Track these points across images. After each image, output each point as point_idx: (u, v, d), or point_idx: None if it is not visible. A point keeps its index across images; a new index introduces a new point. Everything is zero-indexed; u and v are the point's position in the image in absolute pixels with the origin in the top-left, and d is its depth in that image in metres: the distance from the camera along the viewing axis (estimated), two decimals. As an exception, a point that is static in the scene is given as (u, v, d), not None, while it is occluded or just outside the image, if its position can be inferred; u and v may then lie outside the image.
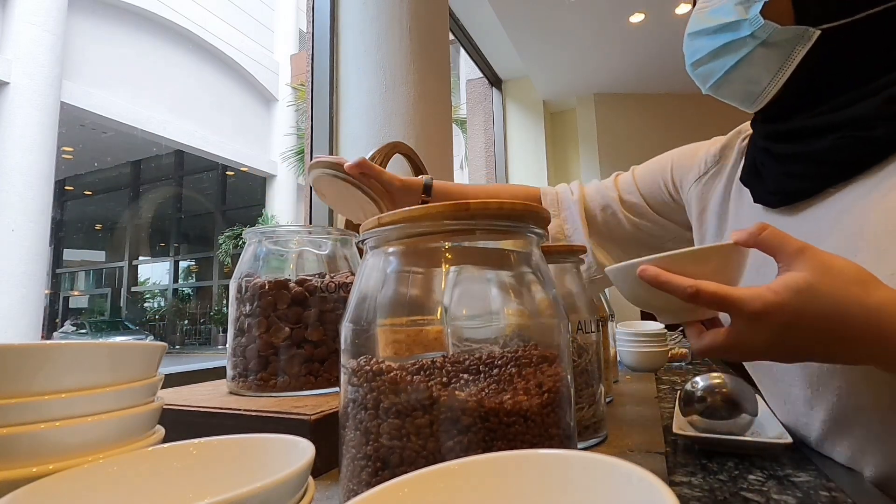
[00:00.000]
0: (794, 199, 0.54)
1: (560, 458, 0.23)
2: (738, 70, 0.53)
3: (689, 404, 0.52)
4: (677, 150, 0.77)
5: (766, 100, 0.54)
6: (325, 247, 0.65)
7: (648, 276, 0.41)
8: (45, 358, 0.28)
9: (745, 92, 0.55)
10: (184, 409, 0.49)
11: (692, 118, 3.76)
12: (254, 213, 12.54)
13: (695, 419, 0.51)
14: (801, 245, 0.38)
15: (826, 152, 0.50)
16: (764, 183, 0.57)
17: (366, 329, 0.34)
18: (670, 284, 0.40)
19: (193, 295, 14.18)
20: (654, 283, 0.40)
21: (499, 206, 0.32)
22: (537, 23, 2.84)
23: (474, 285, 0.35)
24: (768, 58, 0.51)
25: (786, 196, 0.54)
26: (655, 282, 0.40)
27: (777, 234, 0.39)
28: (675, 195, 0.75)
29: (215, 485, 0.29)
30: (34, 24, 7.31)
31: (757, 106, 0.56)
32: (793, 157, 0.53)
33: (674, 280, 0.39)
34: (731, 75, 0.54)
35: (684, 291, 0.39)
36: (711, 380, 0.52)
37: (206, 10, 10.76)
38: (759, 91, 0.53)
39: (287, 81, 12.05)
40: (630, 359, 1.05)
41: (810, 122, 0.52)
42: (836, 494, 0.39)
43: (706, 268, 0.41)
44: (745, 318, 0.37)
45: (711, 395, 0.51)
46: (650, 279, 0.41)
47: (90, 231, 14.80)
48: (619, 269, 0.45)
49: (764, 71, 0.52)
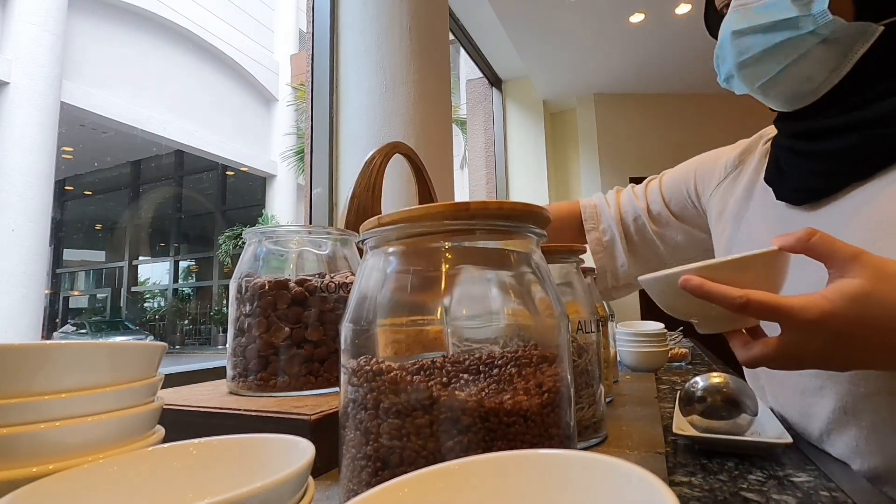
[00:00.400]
0: (817, 197, 0.54)
1: (560, 458, 0.23)
2: (794, 68, 0.50)
3: (689, 404, 0.52)
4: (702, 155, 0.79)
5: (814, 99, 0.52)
6: (325, 247, 0.65)
7: (693, 286, 0.39)
8: (45, 358, 0.28)
9: (795, 91, 0.53)
10: (184, 409, 0.49)
11: (692, 118, 3.76)
12: (254, 213, 12.54)
13: (695, 419, 0.51)
14: (855, 251, 0.37)
15: (849, 150, 0.50)
16: (787, 181, 0.57)
17: (366, 329, 0.34)
18: (717, 294, 0.38)
19: (193, 295, 14.18)
20: (698, 293, 0.39)
21: (499, 206, 0.32)
22: (537, 23, 2.84)
23: (474, 285, 0.35)
24: (828, 55, 0.49)
25: (809, 193, 0.55)
26: (700, 292, 0.39)
27: (827, 239, 0.38)
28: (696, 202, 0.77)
29: (215, 485, 0.29)
30: (34, 24, 7.30)
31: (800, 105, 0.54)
32: (816, 154, 0.54)
33: (721, 290, 0.38)
34: (784, 74, 0.51)
35: (733, 302, 0.37)
36: (711, 380, 0.52)
37: (206, 10, 10.75)
38: (811, 89, 0.51)
39: (287, 81, 12.05)
40: (630, 359, 1.05)
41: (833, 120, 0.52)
42: (836, 494, 0.39)
43: (749, 275, 0.39)
44: (799, 328, 0.36)
45: (711, 395, 0.51)
46: (694, 289, 0.39)
47: (90, 231, 14.80)
48: (656, 278, 0.43)
49: (821, 68, 0.50)
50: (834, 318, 0.35)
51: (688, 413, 0.52)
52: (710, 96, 3.78)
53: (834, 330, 0.35)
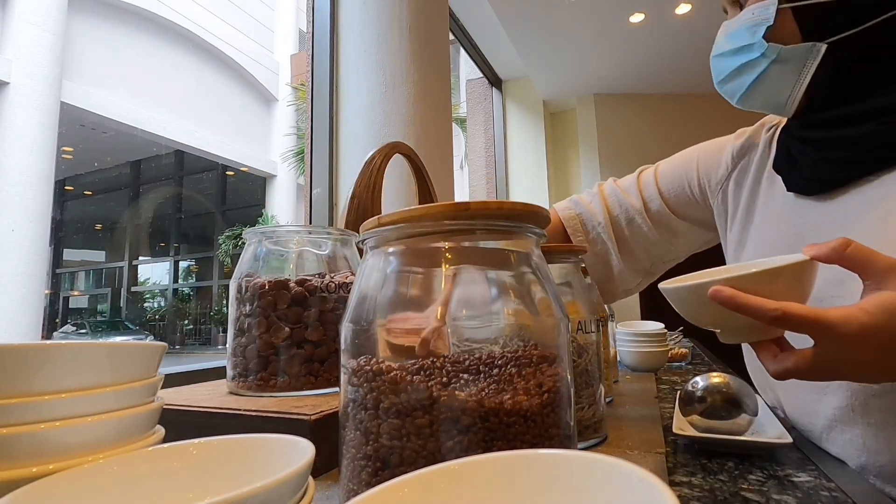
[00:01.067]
0: (830, 187, 0.54)
1: (560, 458, 0.23)
2: (759, 86, 0.57)
3: (689, 404, 0.52)
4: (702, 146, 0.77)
5: (793, 107, 0.56)
6: (325, 247, 0.65)
7: (724, 297, 0.38)
8: (45, 358, 0.28)
9: (772, 103, 0.58)
10: (184, 409, 0.49)
11: (692, 118, 3.76)
12: (254, 213, 12.53)
13: (695, 419, 0.51)
14: (892, 262, 0.36)
15: (868, 138, 0.50)
16: (799, 170, 0.57)
17: (366, 329, 0.34)
18: (752, 307, 0.37)
19: (193, 295, 14.18)
20: (730, 305, 0.38)
21: (499, 206, 0.32)
22: (537, 23, 2.84)
23: (474, 285, 0.35)
24: (783, 73, 0.54)
25: (822, 183, 0.55)
26: (732, 304, 0.38)
27: (863, 250, 0.37)
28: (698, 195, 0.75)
29: (215, 485, 0.29)
30: (34, 24, 7.30)
31: (788, 113, 0.58)
32: (831, 142, 0.54)
33: (756, 302, 0.37)
34: (753, 91, 0.58)
35: (769, 314, 0.36)
36: (711, 380, 0.52)
37: (206, 10, 10.75)
38: (783, 101, 0.56)
39: (287, 81, 12.05)
40: (630, 359, 1.05)
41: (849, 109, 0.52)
42: (836, 494, 0.39)
43: (779, 285, 0.39)
44: (838, 341, 0.36)
45: (711, 395, 0.51)
46: (725, 301, 0.38)
47: (90, 231, 14.79)
48: (680, 288, 0.42)
49: (782, 85, 0.55)
50: (875, 331, 0.35)
51: (688, 413, 0.52)
52: (710, 96, 3.76)
53: (874, 344, 0.35)
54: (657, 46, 3.08)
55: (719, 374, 0.53)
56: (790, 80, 0.54)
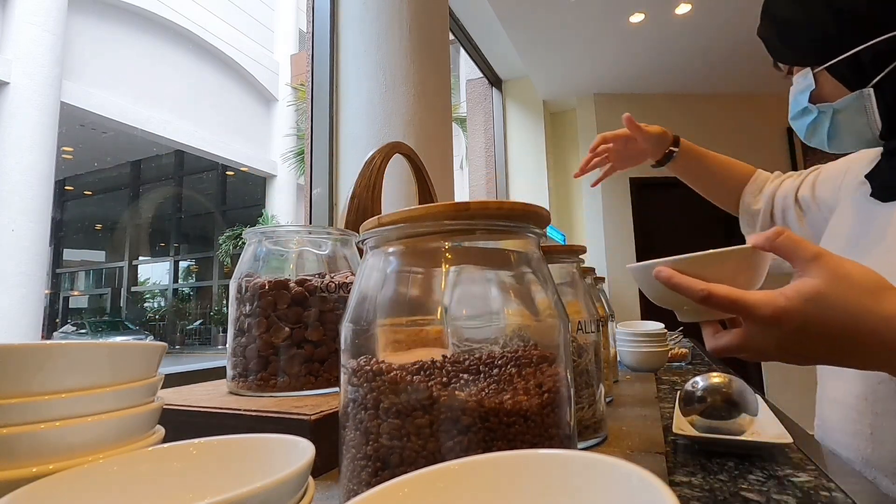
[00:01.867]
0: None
1: (560, 458, 0.23)
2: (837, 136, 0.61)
3: (690, 404, 0.52)
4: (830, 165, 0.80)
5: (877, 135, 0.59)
6: (325, 247, 0.65)
7: (662, 277, 0.42)
8: (45, 358, 0.28)
9: (860, 141, 0.61)
10: (184, 409, 0.49)
11: (692, 118, 3.76)
12: (254, 213, 12.54)
13: (695, 419, 0.51)
14: (816, 251, 0.38)
15: None
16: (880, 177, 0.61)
17: (366, 329, 0.34)
18: (682, 287, 0.41)
19: (193, 295, 14.18)
20: (667, 284, 0.42)
21: (499, 205, 0.32)
22: (537, 23, 2.84)
23: (474, 285, 0.35)
24: (850, 119, 0.58)
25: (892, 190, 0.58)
26: (669, 283, 0.42)
27: (793, 238, 0.39)
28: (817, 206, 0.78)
29: (215, 485, 0.29)
30: (34, 24, 7.30)
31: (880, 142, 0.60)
32: None
33: (686, 282, 0.41)
34: (835, 140, 0.62)
35: (696, 294, 0.40)
36: (711, 380, 0.52)
37: (206, 10, 10.75)
38: (869, 137, 0.59)
39: (287, 81, 12.04)
40: (630, 359, 1.05)
41: None
42: (836, 494, 0.39)
43: (724, 270, 0.41)
44: (757, 323, 0.38)
45: (711, 395, 0.51)
46: (664, 280, 0.42)
47: (90, 231, 14.79)
48: (639, 267, 0.46)
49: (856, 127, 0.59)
50: (788, 315, 0.37)
51: (688, 413, 0.52)
52: (710, 96, 3.78)
53: (789, 327, 0.37)
54: (657, 46, 3.08)
55: (719, 374, 0.53)
56: (861, 122, 0.57)
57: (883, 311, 0.36)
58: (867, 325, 0.36)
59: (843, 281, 0.37)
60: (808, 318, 0.37)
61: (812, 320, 0.37)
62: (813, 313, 0.37)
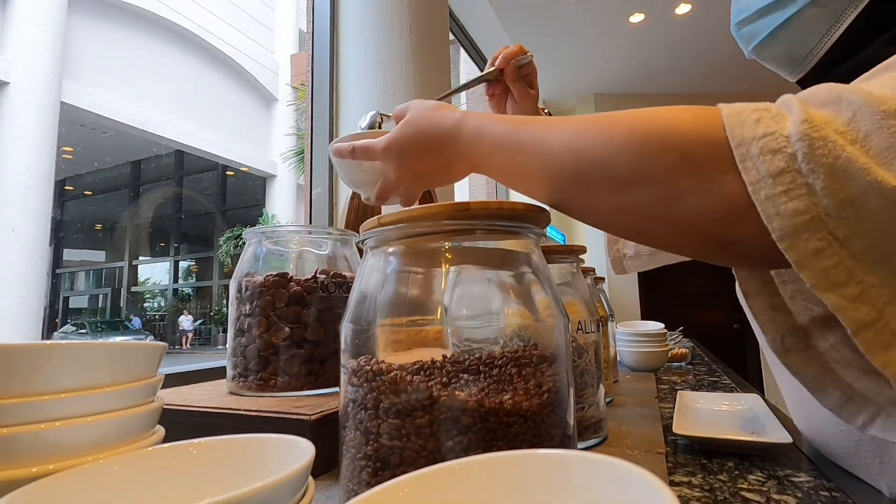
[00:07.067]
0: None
1: (560, 458, 0.23)
2: (786, 29, 0.52)
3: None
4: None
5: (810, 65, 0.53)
6: (325, 247, 0.65)
7: (333, 148, 0.54)
8: (45, 358, 0.28)
9: (790, 55, 0.54)
10: (184, 409, 0.49)
11: (692, 118, 3.75)
12: (254, 213, 12.55)
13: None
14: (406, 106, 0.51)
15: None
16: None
17: (366, 329, 0.34)
18: (342, 150, 0.52)
19: (193, 295, 14.19)
20: (336, 153, 0.53)
21: (499, 205, 0.32)
22: (537, 23, 2.84)
23: (474, 285, 0.35)
24: (817, 18, 0.50)
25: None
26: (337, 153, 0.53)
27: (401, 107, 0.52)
28: None
29: (215, 485, 0.29)
30: (34, 24, 7.31)
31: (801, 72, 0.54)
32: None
33: (342, 147, 0.52)
34: (776, 36, 0.53)
35: (349, 151, 0.51)
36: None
37: (206, 10, 10.75)
38: (804, 54, 0.52)
39: (287, 81, 12.05)
40: (630, 359, 1.05)
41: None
42: (836, 494, 0.39)
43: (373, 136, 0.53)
44: (381, 155, 0.49)
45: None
46: (333, 151, 0.54)
47: (90, 231, 14.80)
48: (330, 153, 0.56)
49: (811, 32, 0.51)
50: (394, 142, 0.48)
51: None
52: (710, 96, 3.78)
53: (396, 149, 0.48)
54: (657, 46, 3.08)
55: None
56: (821, 28, 0.50)
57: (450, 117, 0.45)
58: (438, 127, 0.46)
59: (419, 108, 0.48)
60: (403, 139, 0.47)
61: (406, 140, 0.47)
62: (405, 134, 0.47)
